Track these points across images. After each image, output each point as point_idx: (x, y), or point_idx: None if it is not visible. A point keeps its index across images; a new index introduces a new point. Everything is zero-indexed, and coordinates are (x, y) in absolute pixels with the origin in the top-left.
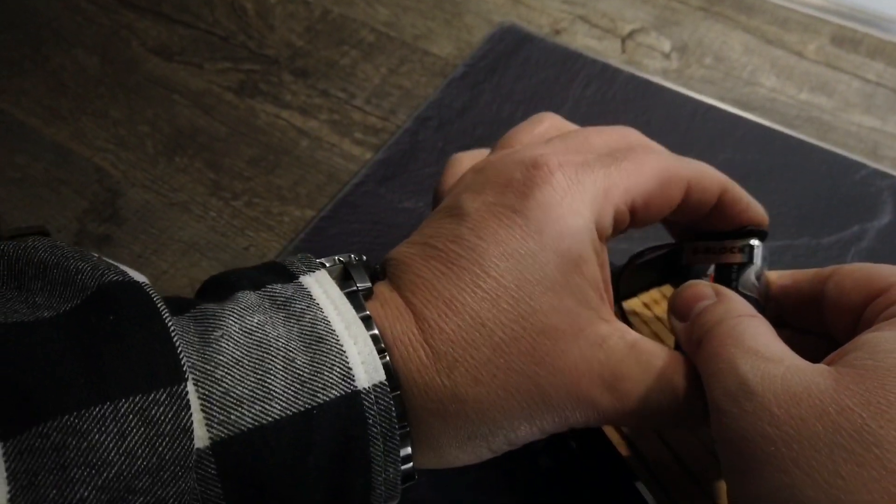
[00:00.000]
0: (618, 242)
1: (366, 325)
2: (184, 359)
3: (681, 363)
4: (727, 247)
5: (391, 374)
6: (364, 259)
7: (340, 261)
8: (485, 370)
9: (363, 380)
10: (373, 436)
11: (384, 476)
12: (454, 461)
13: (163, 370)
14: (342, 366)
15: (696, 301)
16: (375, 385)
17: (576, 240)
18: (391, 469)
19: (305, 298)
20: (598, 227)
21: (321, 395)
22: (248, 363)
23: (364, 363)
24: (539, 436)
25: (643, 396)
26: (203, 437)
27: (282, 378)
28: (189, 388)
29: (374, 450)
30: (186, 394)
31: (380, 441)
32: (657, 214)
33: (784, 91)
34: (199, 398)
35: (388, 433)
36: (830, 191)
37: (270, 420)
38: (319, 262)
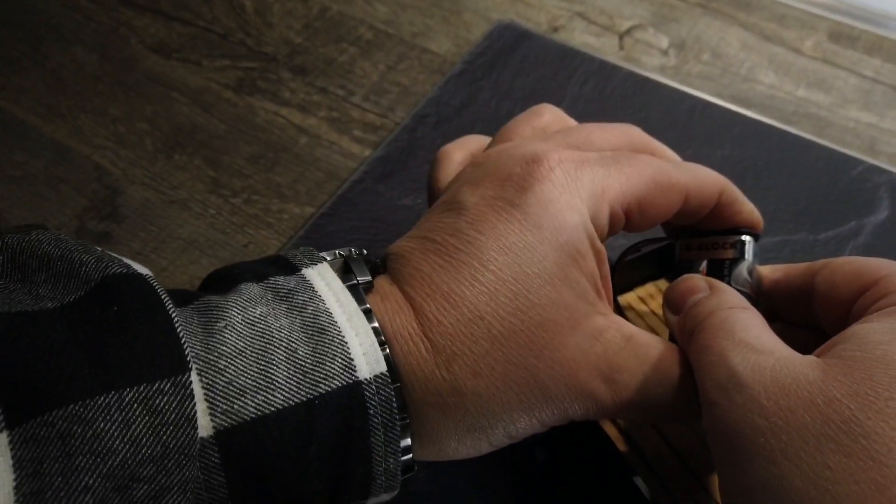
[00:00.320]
0: (615, 239)
1: (367, 318)
2: (188, 349)
3: (677, 355)
4: (719, 243)
5: (391, 367)
6: (364, 253)
7: (341, 255)
8: (483, 363)
9: (364, 371)
10: (374, 426)
11: (384, 466)
12: (453, 454)
13: (167, 360)
14: (344, 356)
15: (690, 294)
16: (377, 376)
17: (574, 235)
18: (391, 459)
19: (308, 290)
20: (594, 225)
21: (323, 386)
22: (251, 353)
23: (366, 354)
24: (539, 429)
25: (641, 388)
26: (207, 427)
27: (284, 368)
28: (193, 378)
29: (375, 440)
30: (190, 383)
31: (380, 431)
32: (654, 220)
33: (782, 87)
34: (203, 388)
35: (389, 423)
36: (828, 187)
37: (273, 410)
38: (321, 256)
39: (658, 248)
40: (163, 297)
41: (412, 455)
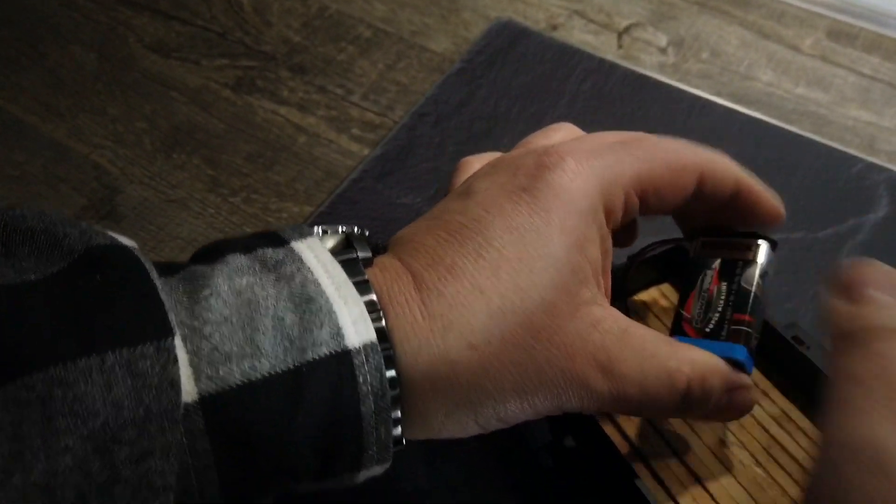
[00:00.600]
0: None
1: (360, 290)
2: (171, 315)
3: (675, 349)
4: (734, 243)
5: (384, 336)
6: (367, 234)
7: (344, 231)
8: (480, 336)
9: (354, 339)
10: (363, 394)
11: (375, 436)
12: (439, 429)
13: (150, 325)
14: (332, 325)
15: (874, 286)
16: (366, 344)
17: (582, 221)
18: (382, 429)
19: (296, 261)
20: (607, 212)
21: (311, 353)
22: (237, 321)
23: (355, 323)
24: (531, 415)
25: (636, 381)
26: (191, 392)
27: (271, 336)
28: (177, 343)
29: (365, 409)
30: (174, 348)
31: (371, 400)
32: (670, 202)
33: (780, 85)
34: (188, 353)
35: (380, 393)
36: (827, 185)
37: (259, 377)
38: (323, 229)
39: (666, 251)
40: (147, 266)
41: (401, 427)
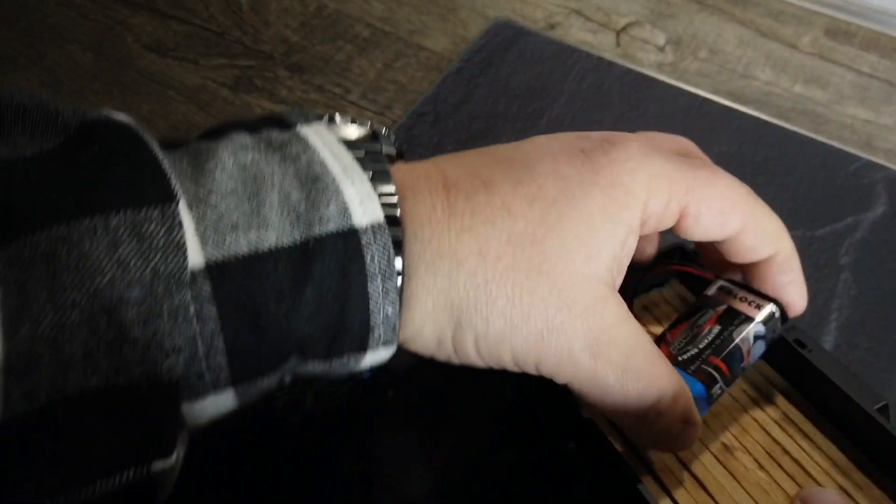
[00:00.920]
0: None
1: (379, 179)
2: (174, 181)
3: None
4: (746, 297)
5: (395, 220)
6: (393, 136)
7: (372, 126)
8: (492, 249)
9: (361, 218)
10: (371, 274)
11: (383, 315)
12: (419, 327)
13: (153, 190)
14: (339, 203)
15: None
16: (373, 225)
17: (625, 195)
18: (390, 309)
19: (301, 143)
20: (648, 210)
21: (317, 229)
22: (243, 193)
23: (362, 203)
24: (506, 355)
25: (619, 368)
26: (198, 259)
27: (278, 209)
28: (181, 209)
29: (373, 288)
30: (178, 213)
31: (378, 280)
32: (705, 232)
33: (778, 84)
34: (194, 220)
35: (387, 273)
36: (825, 183)
37: (266, 248)
38: (350, 118)
39: (690, 270)
40: (146, 138)
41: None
